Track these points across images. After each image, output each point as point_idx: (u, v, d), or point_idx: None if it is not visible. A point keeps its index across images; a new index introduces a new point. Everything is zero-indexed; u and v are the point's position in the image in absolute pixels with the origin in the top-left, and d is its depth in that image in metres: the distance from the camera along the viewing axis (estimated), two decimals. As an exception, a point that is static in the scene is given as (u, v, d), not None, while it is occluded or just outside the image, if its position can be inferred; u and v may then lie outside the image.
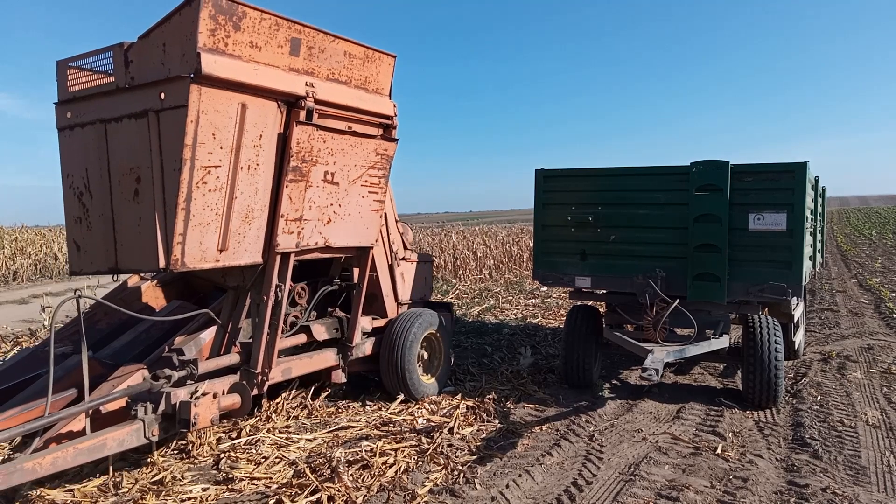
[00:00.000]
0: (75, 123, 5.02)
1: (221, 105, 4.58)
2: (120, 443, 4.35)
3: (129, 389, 4.53)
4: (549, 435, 5.65)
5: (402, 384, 6.47)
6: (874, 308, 12.58)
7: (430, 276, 7.68)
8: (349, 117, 5.71)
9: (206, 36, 4.40)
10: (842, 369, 7.75)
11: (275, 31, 4.90)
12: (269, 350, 5.38)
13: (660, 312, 6.39)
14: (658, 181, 6.66)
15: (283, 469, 4.88)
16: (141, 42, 4.65)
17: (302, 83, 5.15)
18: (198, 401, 4.67)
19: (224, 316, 5.42)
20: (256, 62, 4.78)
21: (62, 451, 4.05)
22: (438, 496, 4.38)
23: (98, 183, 4.92)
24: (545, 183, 7.18)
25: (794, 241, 6.04)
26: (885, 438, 5.48)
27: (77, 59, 4.97)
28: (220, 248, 4.82)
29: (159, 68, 4.55)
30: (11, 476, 3.76)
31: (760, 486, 4.54)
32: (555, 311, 12.70)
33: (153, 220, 4.57)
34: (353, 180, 5.81)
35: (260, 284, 5.31)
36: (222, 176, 4.72)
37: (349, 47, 5.58)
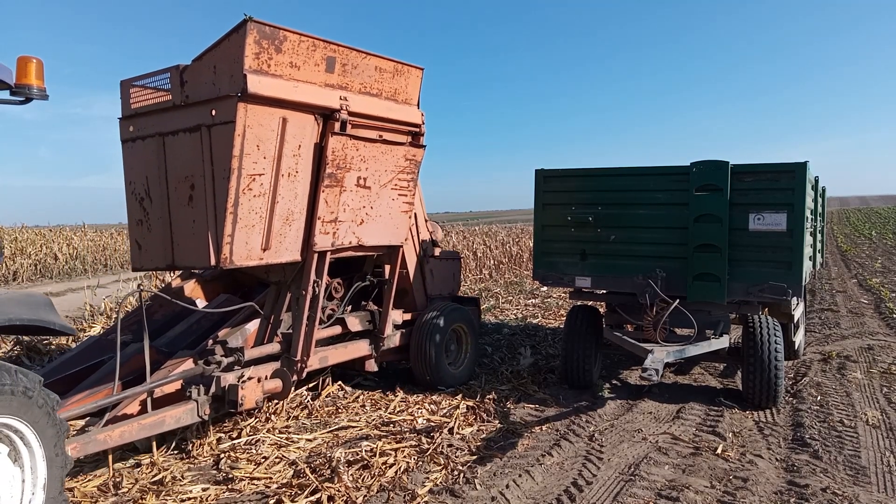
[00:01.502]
0: (137, 136, 5.58)
1: (265, 120, 5.09)
2: (177, 420, 4.94)
3: (185, 373, 5.14)
4: (549, 435, 5.65)
5: (431, 373, 6.91)
6: (874, 308, 12.58)
7: (458, 273, 8.13)
8: (380, 126, 6.16)
9: (251, 59, 4.92)
10: (842, 369, 7.75)
11: (312, 52, 5.39)
12: (307, 340, 5.83)
13: (660, 312, 6.39)
14: (658, 181, 6.66)
15: (283, 469, 4.88)
16: (195, 64, 5.18)
17: (336, 97, 5.63)
18: (244, 384, 5.22)
19: (267, 308, 5.96)
20: (296, 80, 5.28)
21: (128, 425, 4.62)
22: (438, 496, 4.38)
23: (157, 189, 5.48)
24: (545, 183, 7.18)
25: (794, 241, 6.04)
26: (885, 438, 5.48)
27: (139, 79, 5.54)
28: (263, 248, 5.34)
29: (210, 87, 5.07)
30: (87, 445, 4.29)
31: (760, 486, 4.54)
32: (555, 311, 12.70)
33: (205, 223, 5.12)
34: (384, 184, 6.26)
35: (299, 280, 5.78)
36: (265, 183, 5.24)
37: (380, 62, 6.05)
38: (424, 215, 7.64)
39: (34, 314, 3.58)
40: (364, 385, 7.14)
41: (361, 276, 6.87)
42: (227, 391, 5.18)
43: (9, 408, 3.14)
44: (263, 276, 6.00)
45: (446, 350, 7.13)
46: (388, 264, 6.84)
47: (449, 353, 7.21)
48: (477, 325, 7.85)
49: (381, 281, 6.92)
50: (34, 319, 3.56)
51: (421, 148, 6.63)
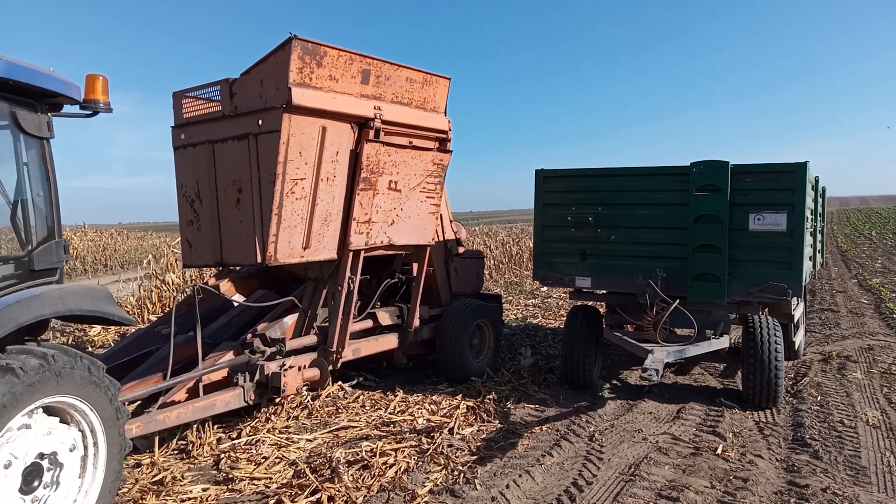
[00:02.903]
0: (188, 143, 6.03)
1: (307, 129, 5.54)
2: (226, 403, 5.40)
3: (232, 361, 5.61)
4: (550, 435, 5.65)
5: (455, 366, 7.26)
6: (874, 308, 12.58)
7: (481, 271, 8.55)
8: (410, 133, 6.63)
9: (295, 73, 5.34)
10: (842, 369, 7.74)
11: (349, 65, 5.83)
12: (343, 332, 6.25)
13: (660, 313, 6.38)
14: (658, 181, 6.65)
15: (283, 469, 4.88)
16: (243, 78, 5.62)
17: (371, 107, 6.06)
18: (286, 372, 5.67)
19: (305, 303, 6.38)
20: (334, 92, 5.72)
21: (184, 407, 5.07)
22: (438, 496, 4.38)
23: (207, 192, 5.92)
24: (545, 183, 7.17)
25: (794, 241, 6.04)
26: (886, 439, 5.48)
27: (191, 91, 6.01)
28: (304, 246, 5.78)
29: (257, 99, 5.51)
30: (148, 425, 4.76)
31: (761, 486, 4.54)
32: (555, 311, 12.70)
33: (252, 223, 5.58)
34: (413, 187, 6.68)
35: (335, 276, 6.22)
36: (306, 187, 5.67)
37: (410, 74, 6.49)
38: (449, 216, 8.02)
39: (95, 305, 3.81)
40: (364, 385, 7.15)
41: (391, 273, 7.30)
42: (271, 378, 5.61)
43: (73, 388, 3.41)
44: (301, 272, 6.40)
45: (470, 344, 7.45)
46: (416, 262, 7.24)
47: (473, 347, 7.52)
48: (499, 319, 8.20)
49: (409, 278, 7.34)
50: (94, 310, 3.80)
51: (448, 153, 7.05)
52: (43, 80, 3.62)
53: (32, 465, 3.34)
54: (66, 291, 3.72)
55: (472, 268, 8.32)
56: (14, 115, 3.57)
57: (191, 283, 12.41)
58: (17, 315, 3.30)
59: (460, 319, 7.33)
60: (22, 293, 3.51)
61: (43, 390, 3.26)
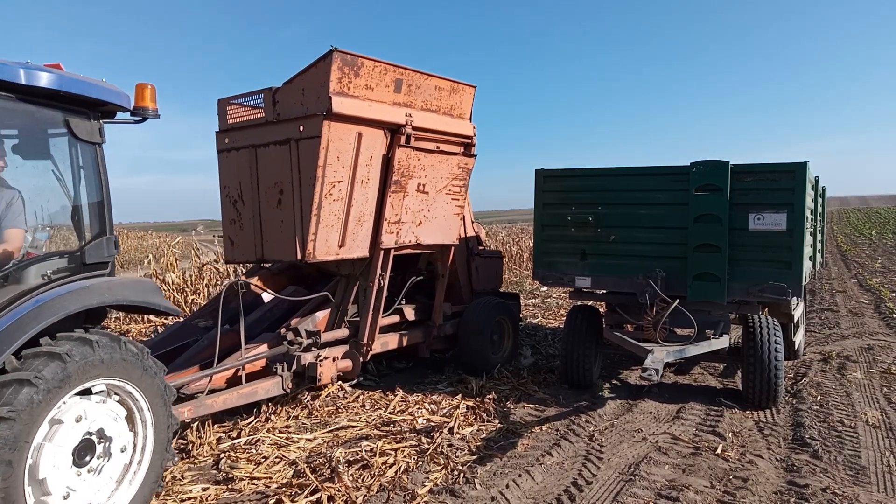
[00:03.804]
0: (231, 147, 6.41)
1: (344, 135, 5.89)
2: (266, 391, 5.77)
3: (271, 352, 5.94)
4: (549, 435, 5.65)
5: (478, 360, 7.54)
6: (874, 308, 12.58)
7: (500, 270, 8.85)
8: (438, 139, 6.94)
9: (335, 83, 5.70)
10: (842, 369, 7.74)
11: (383, 75, 6.16)
12: (373, 326, 6.59)
13: (660, 312, 6.38)
14: (658, 181, 6.65)
15: (283, 469, 4.88)
16: (285, 87, 5.97)
17: (402, 114, 6.40)
18: (322, 363, 6.05)
19: (337, 298, 6.70)
20: (370, 100, 6.07)
21: (229, 393, 5.46)
22: (438, 496, 4.38)
23: (249, 193, 6.31)
24: (545, 183, 7.17)
25: (794, 241, 6.04)
26: (885, 438, 5.48)
27: (235, 99, 6.38)
28: (339, 245, 6.15)
29: (299, 107, 5.86)
30: (198, 409, 5.15)
31: (760, 486, 4.54)
32: (555, 311, 12.70)
33: (292, 223, 5.94)
34: (440, 190, 7.06)
35: (367, 273, 6.59)
36: (343, 189, 6.03)
37: (439, 82, 6.85)
38: (471, 217, 8.30)
39: (141, 297, 4.10)
40: (364, 385, 7.15)
41: (416, 271, 7.63)
42: (307, 368, 5.99)
43: (122, 371, 3.71)
44: (334, 269, 6.75)
45: (490, 339, 7.72)
46: (440, 261, 7.57)
47: (493, 342, 7.80)
48: (517, 316, 8.49)
49: (433, 276, 7.65)
50: (141, 301, 4.09)
51: (472, 157, 7.43)
52: (93, 90, 3.88)
53: (84, 441, 3.58)
54: (114, 283, 4.03)
55: (492, 267, 8.61)
56: (67, 122, 3.85)
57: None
58: (66, 304, 3.60)
59: (482, 316, 7.65)
60: (74, 284, 3.81)
61: (93, 372, 3.54)
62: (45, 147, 4.04)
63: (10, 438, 3.13)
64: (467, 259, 8.19)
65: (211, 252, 15.71)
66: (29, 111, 3.72)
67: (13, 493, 3.14)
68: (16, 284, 3.70)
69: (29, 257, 3.86)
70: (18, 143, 4.07)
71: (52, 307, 3.53)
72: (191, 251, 16.14)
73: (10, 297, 3.58)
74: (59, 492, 3.43)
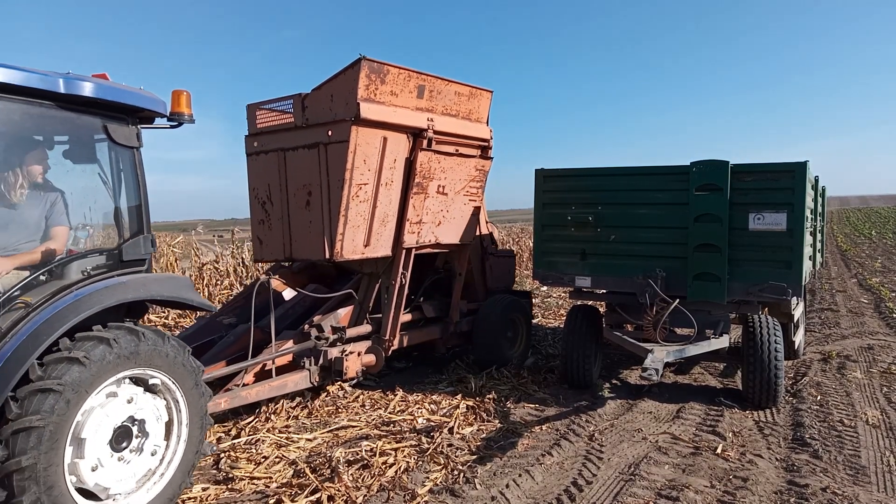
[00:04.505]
0: (260, 151, 6.65)
1: (371, 139, 6.16)
2: (296, 384, 6.04)
3: (299, 347, 6.20)
4: (549, 435, 5.65)
5: (493, 356, 7.73)
6: (874, 308, 12.58)
7: (512, 269, 9.05)
8: (457, 142, 7.20)
9: (363, 89, 5.95)
10: (842, 369, 7.74)
11: (407, 81, 6.42)
12: (395, 322, 6.83)
13: (660, 312, 6.38)
14: (658, 181, 6.65)
15: (283, 469, 4.88)
16: (314, 93, 6.21)
17: (424, 119, 6.67)
18: (347, 357, 6.27)
19: (360, 295, 6.94)
20: (395, 106, 6.33)
21: (261, 386, 5.72)
22: (438, 496, 4.38)
23: (277, 195, 6.56)
24: (545, 183, 7.17)
25: (794, 240, 6.04)
26: (885, 438, 5.48)
27: (264, 104, 6.62)
28: (365, 244, 6.42)
29: (327, 112, 6.10)
30: (234, 400, 5.47)
31: (760, 485, 4.54)
32: (555, 310, 12.70)
33: (321, 223, 6.20)
34: (458, 191, 7.36)
35: (389, 272, 6.84)
36: (369, 191, 6.29)
37: (458, 88, 7.11)
38: (486, 217, 8.46)
39: (174, 292, 4.31)
40: (364, 385, 7.14)
41: (434, 270, 7.91)
42: (334, 362, 6.23)
43: (157, 362, 3.90)
44: (358, 268, 6.95)
45: (505, 336, 7.91)
46: (458, 260, 7.82)
47: (507, 339, 7.97)
48: (530, 313, 8.71)
49: (449, 274, 7.91)
50: (174, 296, 4.29)
51: (489, 160, 7.74)
52: (130, 97, 4.10)
53: (122, 428, 3.79)
54: (149, 279, 4.24)
55: (506, 265, 8.80)
56: (106, 128, 4.07)
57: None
58: (102, 298, 3.80)
59: (498, 313, 7.80)
60: (111, 280, 4.03)
61: (130, 363, 3.76)
62: (91, 151, 4.23)
63: (72, 392, 3.45)
64: (482, 258, 8.38)
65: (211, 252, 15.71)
66: (70, 118, 3.95)
67: (59, 435, 3.41)
68: (58, 280, 3.92)
69: (71, 254, 4.06)
70: (69, 149, 4.27)
71: (89, 301, 3.74)
72: (191, 251, 16.15)
73: (52, 290, 3.80)
74: (90, 461, 3.62)
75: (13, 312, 3.64)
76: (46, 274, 3.88)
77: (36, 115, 3.82)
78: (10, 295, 3.63)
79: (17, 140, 3.99)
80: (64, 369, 3.46)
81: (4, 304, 3.60)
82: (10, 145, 3.96)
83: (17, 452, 3.27)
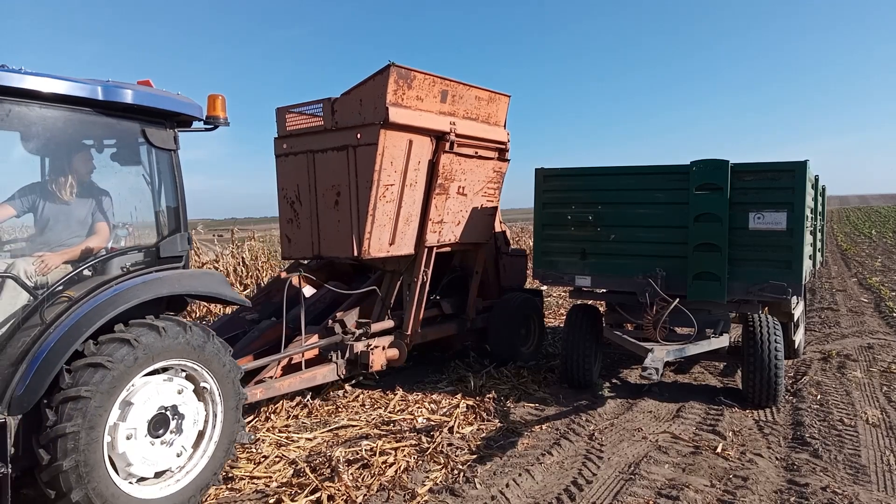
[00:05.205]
0: (289, 152, 6.94)
1: (398, 142, 6.42)
2: (324, 376, 6.29)
3: (327, 341, 6.39)
4: (549, 434, 5.65)
5: (508, 352, 7.89)
6: (874, 307, 12.58)
7: (524, 267, 9.23)
8: (476, 145, 7.50)
9: (391, 94, 6.22)
10: (842, 368, 7.74)
11: (432, 87, 6.71)
12: (416, 318, 7.08)
13: (660, 311, 6.38)
14: (658, 180, 6.65)
15: (283, 468, 4.88)
16: (343, 97, 6.48)
17: (447, 122, 6.96)
18: (373, 351, 6.52)
19: (382, 291, 7.14)
20: (420, 110, 6.61)
21: (292, 378, 5.97)
22: (438, 495, 4.38)
23: (306, 195, 6.84)
24: (545, 182, 7.17)
25: (794, 240, 6.03)
26: (885, 437, 5.48)
27: (294, 108, 6.92)
28: (390, 243, 6.69)
29: (356, 116, 6.37)
30: (268, 391, 5.72)
31: (760, 485, 4.54)
32: (554, 310, 12.70)
33: (349, 222, 6.46)
34: (477, 192, 7.65)
35: (411, 269, 7.09)
36: (395, 191, 6.57)
37: (479, 93, 7.41)
38: (500, 217, 8.61)
39: (209, 287, 4.50)
40: (364, 384, 7.15)
41: (452, 268, 8.16)
42: (360, 356, 6.46)
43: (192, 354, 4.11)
44: (380, 265, 7.16)
45: (519, 332, 8.09)
46: (476, 259, 8.06)
47: (521, 335, 8.14)
48: (541, 311, 8.84)
49: (464, 272, 8.18)
50: (209, 291, 4.48)
51: (506, 161, 8.02)
52: (167, 102, 4.30)
53: (159, 415, 3.97)
54: (184, 275, 4.43)
55: (518, 264, 9.00)
56: (144, 132, 4.27)
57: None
58: (139, 292, 4.00)
59: (512, 310, 7.99)
60: (149, 276, 4.23)
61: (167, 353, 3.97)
62: (136, 154, 4.45)
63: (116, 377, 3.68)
64: (496, 257, 8.57)
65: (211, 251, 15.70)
66: (111, 123, 4.18)
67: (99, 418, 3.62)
68: (100, 275, 4.15)
69: (112, 251, 4.27)
70: (116, 152, 4.51)
71: (126, 295, 3.94)
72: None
73: (93, 285, 4.01)
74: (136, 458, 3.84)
75: (57, 306, 3.84)
76: (89, 269, 4.12)
77: (81, 122, 4.05)
78: (55, 289, 3.83)
79: (67, 144, 4.26)
80: (116, 348, 3.72)
81: (50, 297, 3.81)
82: (60, 149, 4.27)
83: (64, 419, 3.49)
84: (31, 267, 3.86)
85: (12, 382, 3.56)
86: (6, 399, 3.53)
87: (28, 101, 3.70)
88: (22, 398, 3.53)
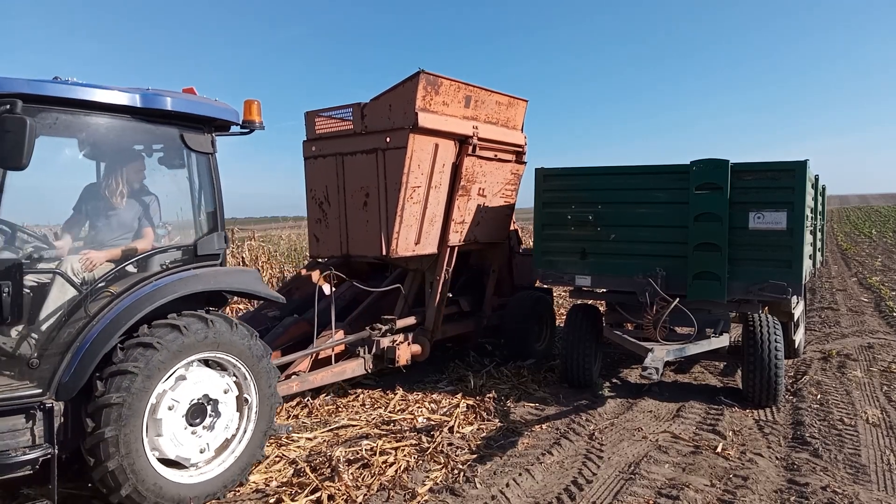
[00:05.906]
0: (318, 155, 7.20)
1: (425, 146, 6.68)
2: (353, 370, 6.45)
3: (355, 336, 6.58)
4: (550, 434, 5.65)
5: (521, 348, 8.07)
6: (874, 306, 12.57)
7: None
8: (496, 148, 7.74)
9: (420, 100, 6.47)
10: (842, 368, 7.74)
11: (456, 92, 6.94)
12: (438, 315, 7.28)
13: (660, 311, 6.37)
14: (658, 180, 6.64)
15: (283, 468, 4.88)
16: (373, 102, 6.71)
17: (470, 127, 7.20)
18: (399, 346, 6.69)
19: (405, 289, 7.34)
20: (446, 115, 6.83)
21: (324, 372, 6.15)
22: (438, 495, 4.38)
23: (334, 196, 7.09)
24: (545, 182, 7.16)
25: (794, 239, 6.03)
26: (885, 437, 5.48)
27: (323, 112, 7.16)
28: (416, 242, 6.93)
29: (385, 121, 6.61)
30: (303, 384, 5.93)
31: (761, 484, 4.54)
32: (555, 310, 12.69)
33: (377, 222, 6.70)
34: (495, 193, 7.94)
35: (434, 268, 7.30)
36: (421, 193, 6.82)
37: (499, 98, 7.66)
38: (513, 218, 8.81)
39: (244, 284, 4.74)
40: (364, 384, 7.15)
41: (469, 266, 8.37)
42: (386, 351, 6.63)
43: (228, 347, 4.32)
44: (403, 264, 7.31)
45: (532, 329, 8.25)
46: (493, 258, 8.32)
47: (534, 333, 8.30)
48: (553, 311, 9.03)
49: (480, 271, 8.42)
50: (243, 287, 4.72)
51: (523, 164, 8.29)
52: (204, 108, 4.50)
53: (196, 405, 4.21)
54: (220, 272, 4.63)
55: (530, 263, 9.05)
56: (182, 136, 4.48)
57: None
58: (176, 288, 4.21)
59: (526, 307, 8.19)
60: (186, 272, 4.43)
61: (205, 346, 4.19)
62: (181, 158, 4.64)
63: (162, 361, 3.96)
64: (509, 256, 8.76)
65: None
66: (151, 129, 4.41)
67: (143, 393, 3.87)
68: (141, 272, 4.38)
69: (153, 249, 4.48)
70: (163, 156, 4.73)
71: (164, 291, 4.16)
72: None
73: (133, 281, 4.22)
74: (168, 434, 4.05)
75: (99, 301, 4.05)
76: (131, 266, 4.35)
77: (126, 128, 4.29)
78: (98, 285, 4.08)
79: (119, 150, 4.55)
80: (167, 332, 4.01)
81: (94, 292, 4.05)
82: (113, 155, 4.56)
83: (111, 390, 3.79)
84: (77, 264, 4.10)
85: (59, 370, 3.83)
86: (53, 385, 3.80)
87: (82, 110, 3.97)
88: (67, 385, 3.80)
